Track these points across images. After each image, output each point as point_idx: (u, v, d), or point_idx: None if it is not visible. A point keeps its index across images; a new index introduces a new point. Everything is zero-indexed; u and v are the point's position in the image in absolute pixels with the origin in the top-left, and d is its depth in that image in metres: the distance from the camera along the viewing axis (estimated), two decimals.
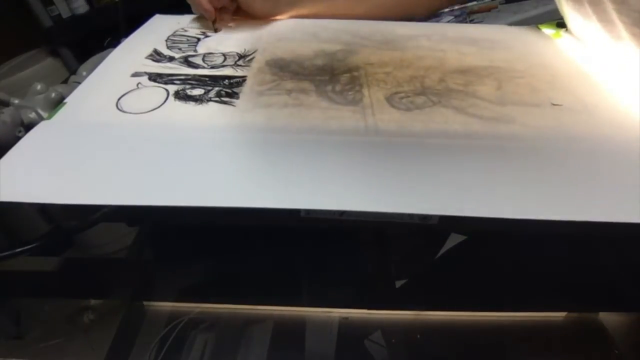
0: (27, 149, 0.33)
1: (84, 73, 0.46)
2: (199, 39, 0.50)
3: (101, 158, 0.32)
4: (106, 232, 0.34)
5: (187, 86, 0.40)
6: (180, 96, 0.39)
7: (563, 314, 0.32)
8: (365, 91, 0.40)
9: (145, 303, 0.33)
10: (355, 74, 0.43)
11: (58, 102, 0.39)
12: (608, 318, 0.32)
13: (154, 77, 0.42)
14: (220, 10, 0.53)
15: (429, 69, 0.44)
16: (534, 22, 0.56)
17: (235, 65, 0.45)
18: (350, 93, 0.40)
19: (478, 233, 0.32)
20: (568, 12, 0.48)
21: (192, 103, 0.38)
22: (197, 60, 0.45)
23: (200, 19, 0.55)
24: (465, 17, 0.82)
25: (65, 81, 0.47)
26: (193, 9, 0.55)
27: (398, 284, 0.33)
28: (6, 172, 0.30)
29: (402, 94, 0.39)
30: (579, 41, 0.50)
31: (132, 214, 0.31)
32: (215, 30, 0.53)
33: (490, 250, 0.33)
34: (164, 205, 0.28)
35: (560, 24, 0.53)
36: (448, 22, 0.81)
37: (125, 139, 0.33)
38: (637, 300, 0.32)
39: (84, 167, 0.31)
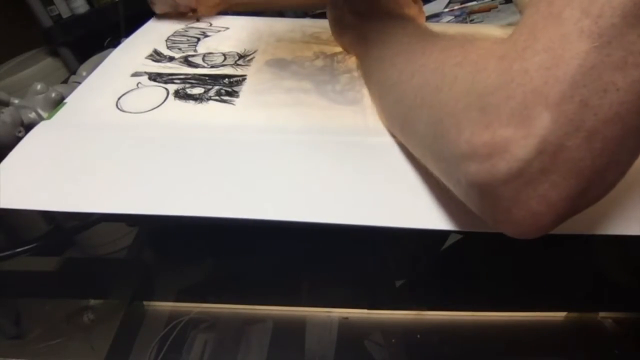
0: (27, 152, 0.32)
1: (84, 73, 0.46)
2: (199, 39, 0.50)
3: (101, 158, 0.32)
4: (106, 232, 0.34)
5: (187, 85, 0.40)
6: (180, 95, 0.39)
7: (563, 314, 0.32)
8: (366, 91, 0.40)
9: (145, 303, 0.33)
10: (355, 74, 0.43)
11: (58, 102, 0.39)
12: (608, 318, 0.32)
13: (154, 77, 0.42)
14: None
15: None
16: None
17: (235, 64, 0.45)
18: (350, 93, 0.40)
19: (478, 233, 0.32)
20: None
21: (192, 102, 0.38)
22: (197, 60, 0.45)
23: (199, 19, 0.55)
24: (465, 17, 0.82)
25: (65, 81, 0.47)
26: (159, 8, 0.53)
27: (398, 284, 0.33)
28: (6, 177, 0.30)
29: None
30: None
31: (132, 220, 0.31)
32: (197, 20, 0.53)
33: (490, 250, 0.33)
34: (164, 214, 0.28)
35: None
36: (448, 22, 0.81)
37: (125, 139, 0.33)
38: (637, 300, 0.32)
39: (84, 168, 0.31)
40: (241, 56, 0.46)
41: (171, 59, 0.46)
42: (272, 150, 0.33)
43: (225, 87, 0.40)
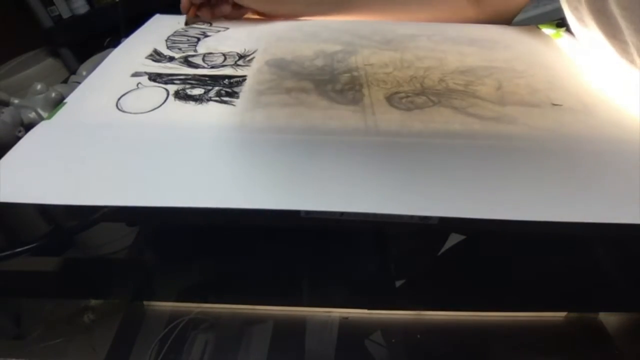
0: (27, 149, 0.33)
1: (84, 73, 0.46)
2: (199, 39, 0.50)
3: (101, 158, 0.32)
4: (106, 232, 0.34)
5: (187, 86, 0.40)
6: (180, 96, 0.39)
7: (563, 314, 0.32)
8: (366, 91, 0.40)
9: (145, 303, 0.33)
10: (355, 74, 0.43)
11: (58, 102, 0.39)
12: (608, 318, 0.32)
13: (154, 77, 0.42)
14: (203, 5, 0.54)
15: (429, 69, 0.44)
16: (534, 22, 0.56)
17: (235, 65, 0.45)
18: (350, 92, 0.40)
19: (478, 233, 0.32)
20: (568, 17, 0.49)
21: (192, 103, 0.38)
22: (197, 60, 0.45)
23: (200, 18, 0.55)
24: None
25: (65, 81, 0.47)
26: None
27: (398, 284, 0.33)
28: (6, 172, 0.30)
29: (402, 94, 0.39)
30: (578, 41, 0.50)
31: (132, 214, 0.31)
32: (186, 23, 0.54)
33: (490, 250, 0.33)
34: (164, 206, 0.28)
35: (560, 24, 0.53)
36: None
37: (125, 139, 0.33)
38: (637, 300, 0.32)
39: (84, 167, 0.31)
40: (241, 56, 0.46)
41: (171, 59, 0.46)
42: (272, 150, 0.33)
43: (225, 87, 0.40)
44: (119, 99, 0.38)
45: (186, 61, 0.45)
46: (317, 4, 0.55)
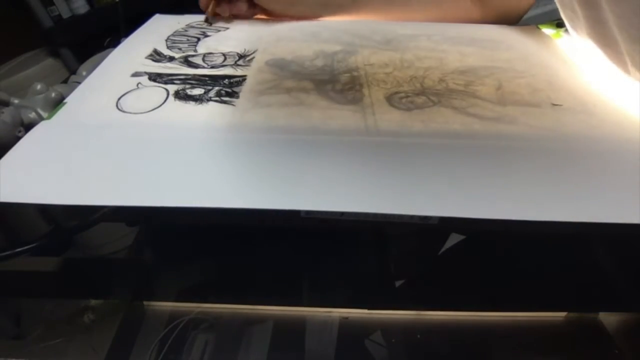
0: (27, 149, 0.33)
1: (84, 73, 0.46)
2: (199, 39, 0.50)
3: (101, 158, 0.32)
4: (106, 232, 0.34)
5: (187, 86, 0.40)
6: (180, 96, 0.39)
7: (563, 314, 0.32)
8: (366, 91, 0.40)
9: (145, 303, 0.33)
10: (355, 74, 0.43)
11: (58, 102, 0.39)
12: (608, 318, 0.32)
13: (154, 77, 0.42)
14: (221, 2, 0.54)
15: (429, 69, 0.44)
16: (534, 22, 0.56)
17: (235, 65, 0.45)
18: (350, 92, 0.40)
19: (478, 233, 0.32)
20: (566, 24, 0.49)
21: (192, 103, 0.38)
22: (197, 60, 0.45)
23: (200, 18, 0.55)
24: None
25: (65, 81, 0.47)
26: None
27: (398, 284, 0.33)
28: (6, 172, 0.30)
29: (402, 94, 0.39)
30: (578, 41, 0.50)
31: (132, 214, 0.31)
32: (207, 22, 0.54)
33: (490, 250, 0.33)
34: (164, 206, 0.28)
35: (560, 24, 0.53)
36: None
37: (125, 139, 0.33)
38: (637, 300, 0.32)
39: (84, 167, 0.31)
40: (241, 56, 0.46)
41: (171, 59, 0.46)
42: (272, 150, 0.33)
43: (225, 87, 0.40)
44: (119, 99, 0.38)
45: (186, 61, 0.45)
46: (327, 5, 0.56)
